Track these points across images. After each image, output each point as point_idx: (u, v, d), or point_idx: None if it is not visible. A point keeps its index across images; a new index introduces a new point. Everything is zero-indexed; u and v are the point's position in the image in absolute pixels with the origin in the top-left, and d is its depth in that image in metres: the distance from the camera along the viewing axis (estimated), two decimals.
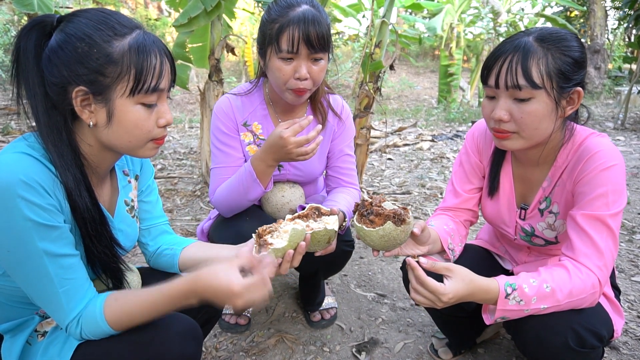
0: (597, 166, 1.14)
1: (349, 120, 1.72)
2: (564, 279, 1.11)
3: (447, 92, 9.10)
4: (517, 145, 1.20)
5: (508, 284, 1.11)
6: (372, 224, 1.16)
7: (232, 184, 1.48)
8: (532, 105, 1.13)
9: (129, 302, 0.94)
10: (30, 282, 0.88)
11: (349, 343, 1.75)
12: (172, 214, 3.13)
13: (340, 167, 1.71)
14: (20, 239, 0.84)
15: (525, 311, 1.11)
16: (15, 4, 3.10)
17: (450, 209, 1.48)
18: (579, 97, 1.15)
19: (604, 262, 1.12)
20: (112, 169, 1.13)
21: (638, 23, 6.29)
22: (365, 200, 1.20)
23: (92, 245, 0.98)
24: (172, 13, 11.64)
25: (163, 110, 0.98)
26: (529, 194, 1.35)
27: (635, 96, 7.40)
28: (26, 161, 0.87)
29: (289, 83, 1.40)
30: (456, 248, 1.39)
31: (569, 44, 1.13)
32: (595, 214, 1.13)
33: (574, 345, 1.12)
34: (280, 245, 1.09)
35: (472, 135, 1.46)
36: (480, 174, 1.46)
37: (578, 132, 1.24)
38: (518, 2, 9.70)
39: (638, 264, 2.36)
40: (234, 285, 0.90)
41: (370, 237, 1.17)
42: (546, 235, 1.33)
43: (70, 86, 0.89)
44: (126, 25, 0.92)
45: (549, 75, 1.11)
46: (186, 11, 2.90)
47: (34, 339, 1.01)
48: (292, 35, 1.33)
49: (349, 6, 5.18)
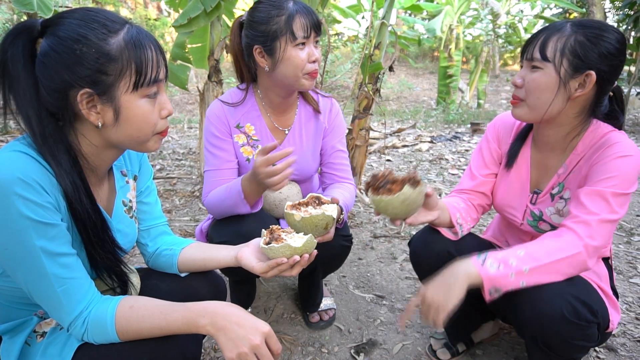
0: (613, 153, 1.20)
1: (340, 116, 1.76)
2: (539, 242, 1.17)
3: (446, 93, 9.11)
4: (523, 113, 1.29)
5: (478, 256, 1.19)
6: (390, 192, 1.21)
7: (223, 197, 1.50)
8: (538, 73, 1.23)
9: (145, 309, 0.93)
10: (29, 280, 0.88)
11: (348, 344, 1.75)
12: (170, 215, 3.12)
13: (333, 163, 1.73)
14: (18, 237, 0.84)
15: (510, 276, 1.13)
16: (15, 4, 3.11)
17: (465, 192, 1.55)
18: (591, 82, 1.19)
19: (593, 224, 1.15)
20: (110, 169, 1.13)
21: (637, 25, 6.30)
22: (375, 175, 1.25)
23: (95, 252, 0.97)
24: (171, 13, 11.64)
25: (163, 101, 0.99)
26: (543, 180, 1.41)
27: (634, 98, 7.42)
28: (23, 159, 0.86)
29: (305, 68, 1.47)
30: (464, 224, 1.46)
31: (600, 34, 1.18)
32: (597, 189, 1.18)
33: (569, 316, 1.14)
34: (294, 244, 1.07)
35: (494, 125, 1.55)
36: (497, 161, 1.53)
37: (601, 127, 1.29)
38: (517, 4, 9.72)
39: (636, 266, 2.37)
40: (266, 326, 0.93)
41: (392, 205, 1.21)
42: (553, 221, 1.36)
43: (72, 90, 0.88)
44: (116, 21, 0.91)
45: (562, 52, 1.19)
46: (186, 12, 2.90)
47: (32, 339, 1.01)
48: (303, 22, 1.44)
49: (348, 7, 5.17)
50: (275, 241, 1.07)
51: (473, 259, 1.18)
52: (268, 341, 0.93)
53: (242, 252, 1.14)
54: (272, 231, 1.13)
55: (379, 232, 2.86)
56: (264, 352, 0.91)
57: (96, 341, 0.93)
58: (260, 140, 1.65)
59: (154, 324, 0.92)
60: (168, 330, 0.93)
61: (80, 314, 0.91)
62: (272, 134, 1.66)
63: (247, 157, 1.64)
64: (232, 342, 0.90)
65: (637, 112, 8.22)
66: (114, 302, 0.94)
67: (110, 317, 0.92)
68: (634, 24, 6.37)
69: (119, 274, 1.04)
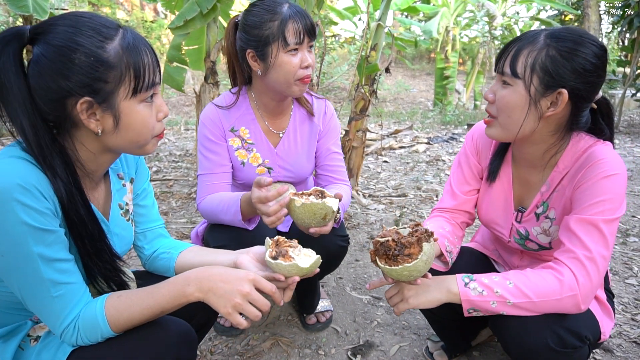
0: (598, 173, 1.13)
1: (334, 119, 1.76)
2: (534, 278, 1.11)
3: (442, 94, 9.13)
4: (495, 133, 1.23)
5: (465, 276, 1.15)
6: (410, 258, 1.10)
7: (218, 210, 1.49)
8: (508, 91, 1.16)
9: (132, 294, 0.94)
10: (25, 287, 0.87)
11: (344, 346, 1.74)
12: (167, 217, 3.11)
13: (329, 165, 1.73)
14: (15, 244, 0.84)
15: (492, 304, 1.11)
16: (10, 6, 3.09)
17: (447, 210, 1.48)
18: (563, 100, 1.11)
19: (589, 265, 1.08)
20: (106, 172, 1.12)
21: (631, 27, 6.33)
22: (382, 243, 1.13)
23: (92, 262, 0.96)
24: (168, 15, 11.63)
25: (159, 104, 0.99)
26: (527, 197, 1.35)
27: (628, 99, 7.45)
28: (22, 165, 0.86)
29: (297, 74, 1.46)
30: (453, 250, 1.39)
31: (576, 48, 1.09)
32: (588, 217, 1.11)
33: (555, 345, 1.11)
34: (302, 264, 1.03)
35: (472, 137, 1.46)
36: (478, 176, 1.45)
37: (583, 139, 1.22)
38: (513, 6, 9.76)
39: (632, 267, 2.38)
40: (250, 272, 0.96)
41: (417, 270, 1.09)
42: (540, 240, 1.32)
43: (70, 98, 0.87)
44: (110, 26, 0.90)
45: (532, 69, 1.11)
46: (182, 13, 2.90)
47: (26, 343, 1.00)
48: (296, 27, 1.41)
49: (345, 9, 5.18)
50: (283, 257, 1.04)
51: (459, 279, 1.16)
52: (257, 286, 0.95)
53: (242, 259, 1.13)
54: (277, 243, 1.08)
55: (376, 233, 2.86)
56: (255, 297, 0.93)
57: (90, 341, 0.92)
58: (255, 143, 1.64)
59: (143, 305, 0.93)
60: (158, 308, 0.93)
61: (72, 320, 0.90)
62: (266, 137, 1.65)
63: (242, 160, 1.64)
64: (222, 299, 0.92)
65: (632, 113, 8.26)
66: (101, 299, 0.94)
67: (100, 312, 0.91)
68: (629, 25, 6.41)
69: (118, 283, 1.03)
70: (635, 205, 3.37)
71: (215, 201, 1.52)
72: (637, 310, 1.98)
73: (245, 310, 0.92)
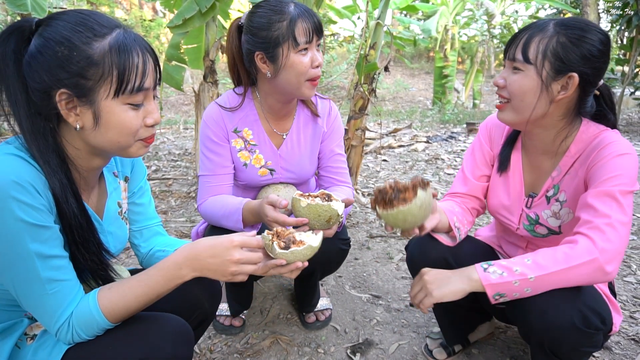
0: (610, 153, 1.18)
1: (338, 120, 1.74)
2: (552, 252, 1.13)
3: (441, 93, 9.13)
4: (508, 116, 1.27)
5: (484, 263, 1.17)
6: (406, 202, 1.16)
7: (220, 215, 1.49)
8: (519, 75, 1.21)
9: (124, 284, 0.94)
10: (20, 285, 0.87)
11: (344, 344, 1.75)
12: (166, 216, 3.11)
13: (332, 166, 1.72)
14: (11, 241, 0.83)
15: (514, 283, 1.11)
16: (8, 4, 3.09)
17: (458, 195, 1.52)
18: (573, 84, 1.17)
19: (608, 230, 1.09)
20: (101, 173, 1.12)
21: (630, 25, 6.34)
22: (381, 190, 1.20)
23: (79, 253, 0.96)
24: (166, 14, 11.61)
25: (150, 110, 0.97)
26: (537, 183, 1.39)
27: (627, 98, 7.46)
28: (16, 162, 0.86)
29: (307, 74, 1.44)
30: (462, 228, 1.43)
31: (583, 35, 1.16)
32: (605, 189, 1.15)
33: (580, 325, 1.12)
34: (314, 243, 1.05)
35: (486, 125, 1.52)
36: (489, 163, 1.51)
37: (593, 126, 1.27)
38: (512, 5, 9.76)
39: (630, 264, 2.38)
40: (234, 238, 0.96)
41: (411, 213, 1.16)
42: (550, 224, 1.35)
43: (53, 91, 0.88)
44: (105, 25, 0.90)
45: (544, 55, 1.17)
46: (181, 12, 2.89)
47: (23, 342, 1.00)
48: (306, 27, 1.40)
49: (343, 8, 5.17)
50: (294, 244, 1.04)
51: (477, 266, 1.17)
52: (244, 246, 0.97)
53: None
54: (278, 234, 1.07)
55: (375, 232, 2.86)
56: (246, 258, 0.97)
57: (88, 336, 0.92)
58: (258, 145, 1.62)
59: (137, 293, 0.94)
60: (154, 294, 0.95)
61: (67, 318, 0.90)
62: (269, 139, 1.63)
63: (245, 162, 1.62)
64: (217, 273, 0.96)
65: (630, 112, 8.27)
66: (92, 293, 0.94)
67: (93, 304, 0.91)
68: (627, 24, 6.41)
69: (103, 278, 1.02)
70: (633, 203, 3.37)
71: (217, 205, 1.51)
72: (635, 307, 1.98)
73: (242, 272, 0.97)
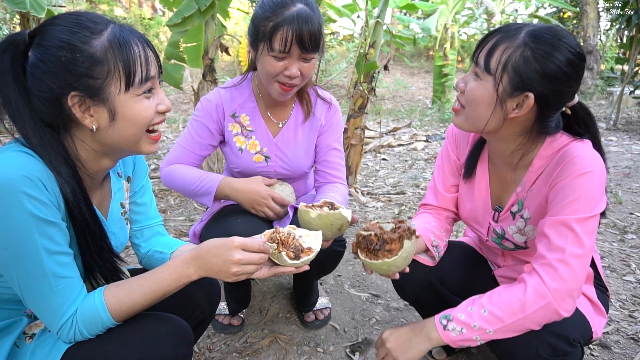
0: (573, 171, 1.09)
1: (337, 115, 1.74)
2: (506, 297, 1.08)
3: (441, 92, 9.11)
4: (461, 122, 1.21)
5: (443, 317, 1.13)
6: (391, 254, 1.12)
7: (188, 183, 1.55)
8: (476, 84, 1.13)
9: (131, 282, 0.95)
10: (25, 280, 0.87)
11: (343, 343, 1.75)
12: (165, 214, 3.11)
13: (328, 161, 1.72)
14: (21, 235, 0.84)
15: (474, 338, 1.09)
16: (7, 2, 3.08)
17: (431, 207, 1.50)
18: (528, 105, 1.09)
19: (561, 267, 1.04)
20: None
21: (630, 24, 6.33)
22: (364, 237, 1.16)
23: (92, 260, 0.98)
24: (166, 12, 11.59)
25: (161, 97, 0.99)
26: (504, 196, 1.34)
27: (627, 97, 7.46)
28: (25, 158, 0.87)
29: (278, 77, 1.44)
30: (440, 244, 1.40)
31: (551, 53, 1.05)
32: (560, 218, 1.08)
33: (545, 354, 1.10)
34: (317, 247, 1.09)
35: (452, 131, 1.46)
36: (458, 172, 1.45)
37: (560, 138, 1.19)
38: (512, 3, 9.76)
39: (630, 264, 2.38)
40: (235, 239, 0.98)
41: (396, 265, 1.13)
42: (516, 240, 1.31)
43: (64, 96, 0.88)
44: (99, 22, 0.90)
45: (504, 67, 1.07)
46: (180, 10, 2.89)
47: (22, 341, 1.00)
48: (285, 36, 1.35)
49: (343, 6, 5.16)
50: (303, 253, 1.07)
51: (437, 322, 1.12)
52: (245, 248, 0.99)
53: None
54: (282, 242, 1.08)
55: None
56: (247, 259, 0.99)
57: (90, 334, 0.92)
58: (255, 131, 1.64)
59: (144, 291, 0.95)
60: (160, 292, 0.97)
61: (71, 315, 0.91)
62: (266, 126, 1.65)
63: (240, 146, 1.64)
64: (221, 273, 0.99)
65: (630, 110, 8.27)
66: (98, 291, 0.94)
67: (100, 302, 0.92)
68: (627, 23, 6.41)
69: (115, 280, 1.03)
70: (633, 203, 3.37)
71: (185, 174, 1.56)
72: (634, 307, 1.98)
73: (245, 272, 1.00)
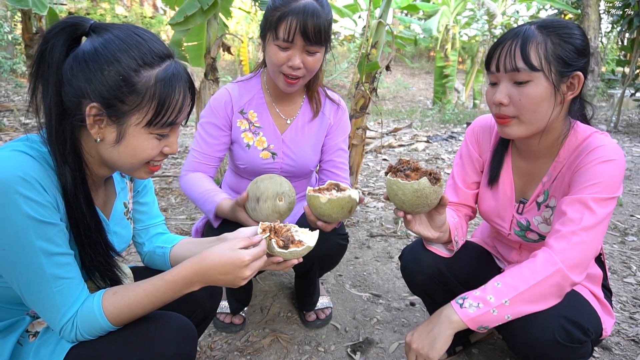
0: (595, 159, 1.15)
1: (345, 116, 1.76)
2: (517, 269, 1.13)
3: (442, 93, 9.13)
4: (518, 131, 1.21)
5: (459, 298, 1.15)
6: (408, 179, 1.17)
7: (195, 197, 1.56)
8: (530, 87, 1.15)
9: (129, 292, 0.94)
10: (25, 282, 0.87)
11: (344, 343, 1.75)
12: (167, 213, 3.11)
13: (334, 160, 1.74)
14: (17, 237, 0.83)
15: (492, 312, 1.10)
16: (10, 0, 3.08)
17: (451, 204, 1.50)
18: (579, 82, 1.17)
19: (573, 238, 1.09)
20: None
21: (631, 26, 6.34)
22: (402, 160, 1.22)
23: (85, 253, 0.97)
24: (167, 11, 11.59)
25: (171, 141, 0.98)
26: (528, 189, 1.36)
27: (627, 99, 7.47)
28: (23, 158, 0.86)
29: (282, 68, 1.46)
30: (459, 241, 1.42)
31: (570, 32, 1.15)
32: (578, 196, 1.13)
33: (562, 339, 1.12)
34: (311, 243, 1.08)
35: (473, 130, 1.48)
36: (479, 169, 1.47)
37: (582, 129, 1.25)
38: (513, 5, 9.76)
39: (630, 266, 2.39)
40: (244, 256, 0.95)
41: (402, 191, 1.16)
42: (541, 230, 1.33)
43: (86, 100, 0.88)
44: (158, 54, 0.91)
45: (547, 59, 1.14)
46: (182, 9, 2.89)
47: (25, 339, 0.99)
48: (289, 26, 1.39)
49: (345, 6, 5.16)
50: (293, 244, 1.06)
51: (453, 303, 1.15)
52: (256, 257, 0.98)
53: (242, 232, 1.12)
54: (275, 230, 1.08)
55: (376, 231, 2.86)
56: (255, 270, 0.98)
57: (91, 335, 0.92)
58: (262, 127, 1.65)
59: (144, 302, 0.94)
60: (159, 303, 0.96)
61: (72, 316, 0.90)
62: (274, 122, 1.66)
63: (247, 143, 1.65)
64: (229, 285, 0.98)
65: (630, 113, 8.27)
66: (97, 295, 0.94)
67: (98, 309, 0.91)
68: (628, 25, 6.41)
69: (110, 278, 1.03)
70: (633, 205, 3.38)
71: (195, 187, 1.57)
72: (635, 308, 1.98)
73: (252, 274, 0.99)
